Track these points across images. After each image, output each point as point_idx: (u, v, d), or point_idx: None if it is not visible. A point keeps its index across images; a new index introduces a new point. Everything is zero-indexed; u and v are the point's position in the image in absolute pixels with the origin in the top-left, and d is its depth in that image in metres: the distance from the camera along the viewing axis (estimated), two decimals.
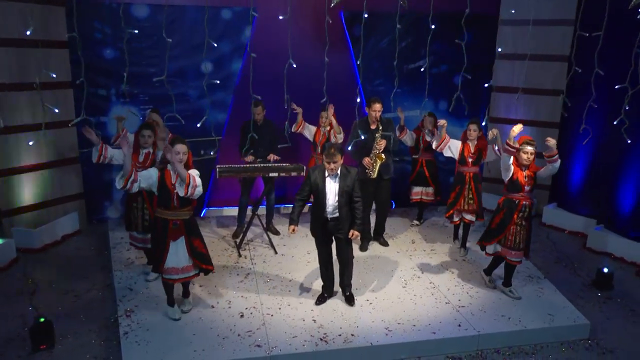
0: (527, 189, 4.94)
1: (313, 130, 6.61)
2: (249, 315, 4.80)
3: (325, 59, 5.14)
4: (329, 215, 4.76)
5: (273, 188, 6.63)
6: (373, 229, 6.47)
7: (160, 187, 4.41)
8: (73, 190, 6.77)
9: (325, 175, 4.70)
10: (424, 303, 5.09)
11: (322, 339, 4.47)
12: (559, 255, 6.48)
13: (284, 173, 6.00)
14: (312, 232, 4.95)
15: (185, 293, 4.83)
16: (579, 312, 4.99)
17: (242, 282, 5.43)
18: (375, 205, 6.33)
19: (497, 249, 5.22)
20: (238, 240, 6.27)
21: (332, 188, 4.71)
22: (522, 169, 4.93)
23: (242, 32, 6.87)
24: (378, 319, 4.79)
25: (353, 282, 5.10)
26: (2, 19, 5.73)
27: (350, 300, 4.98)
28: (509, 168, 4.92)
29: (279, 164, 6.18)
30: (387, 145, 5.92)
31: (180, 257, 4.52)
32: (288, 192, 7.45)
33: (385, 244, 6.42)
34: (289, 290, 5.27)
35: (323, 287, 5.11)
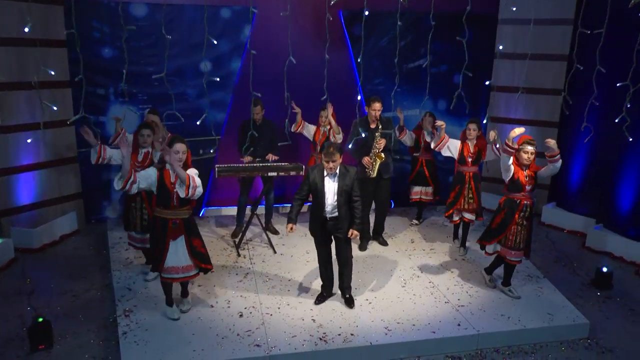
0: (528, 189, 4.92)
1: (312, 130, 6.60)
2: (248, 315, 4.79)
3: (326, 56, 5.12)
4: (328, 215, 4.75)
5: (272, 187, 6.62)
6: (372, 229, 6.46)
7: (160, 186, 4.40)
8: (71, 190, 6.76)
9: (324, 175, 4.69)
10: (424, 302, 5.09)
11: (321, 339, 4.47)
12: (558, 255, 6.48)
13: (283, 172, 5.99)
14: (311, 231, 4.94)
15: (184, 293, 4.82)
16: (579, 311, 4.99)
17: (241, 281, 5.42)
18: (375, 205, 6.32)
19: (496, 249, 5.22)
20: (237, 240, 6.27)
21: (331, 187, 4.70)
22: (522, 169, 4.92)
23: (241, 31, 6.85)
24: (377, 319, 4.78)
25: (352, 281, 5.09)
26: (0, 18, 5.71)
27: (350, 303, 4.95)
28: (509, 168, 4.90)
29: (278, 164, 6.17)
30: (386, 145, 5.92)
31: (180, 256, 4.51)
32: (287, 191, 7.44)
33: (385, 244, 6.42)
34: (288, 290, 5.26)
35: (322, 286, 5.10)
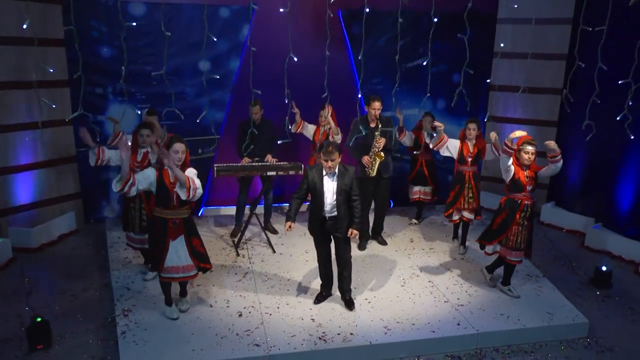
0: (529, 189, 4.91)
1: (312, 130, 6.59)
2: (248, 315, 4.78)
3: (327, 53, 5.11)
4: (327, 214, 4.73)
5: (271, 187, 6.61)
6: (371, 228, 6.45)
7: (159, 186, 4.39)
8: (70, 190, 6.74)
9: (323, 174, 4.67)
10: (423, 302, 5.08)
11: (320, 338, 4.46)
12: (557, 254, 6.48)
13: (282, 172, 5.99)
14: (310, 231, 4.92)
15: (183, 292, 4.81)
16: (578, 310, 4.99)
17: (240, 281, 5.41)
18: (374, 204, 6.31)
19: (496, 249, 5.21)
20: (236, 240, 6.26)
21: (330, 187, 4.68)
22: (523, 169, 4.91)
23: (239, 30, 6.84)
24: (377, 318, 4.78)
25: (352, 281, 5.06)
26: None
27: (350, 305, 4.91)
28: (509, 169, 4.89)
29: (277, 163, 6.16)
30: (386, 144, 5.91)
31: (181, 256, 4.50)
32: (286, 191, 7.43)
33: (384, 243, 6.41)
34: (288, 290, 5.25)
35: (322, 286, 5.09)
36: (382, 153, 5.88)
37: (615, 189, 6.64)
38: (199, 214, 7.25)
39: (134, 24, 6.01)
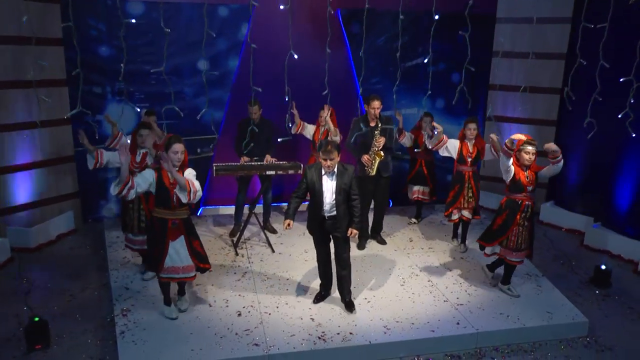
0: (529, 190, 4.90)
1: (312, 130, 6.57)
2: (247, 314, 4.77)
3: (327, 50, 5.10)
4: (327, 214, 4.71)
5: (270, 186, 6.60)
6: (370, 227, 6.44)
7: (159, 187, 4.37)
8: (68, 189, 6.72)
9: (322, 173, 4.65)
10: (423, 301, 5.07)
11: (320, 338, 4.45)
12: (557, 253, 6.48)
13: (281, 171, 5.98)
14: (309, 230, 4.90)
15: (181, 291, 4.80)
16: (578, 309, 4.99)
17: (239, 280, 5.40)
18: (374, 203, 6.31)
19: (495, 251, 5.19)
20: (235, 239, 6.24)
21: (329, 186, 4.66)
22: (523, 169, 4.90)
23: (238, 29, 6.83)
24: (376, 318, 4.77)
25: (351, 281, 5.04)
26: None
27: (350, 307, 4.87)
28: (509, 169, 4.88)
29: (276, 163, 6.14)
30: (386, 143, 5.90)
31: (182, 256, 4.49)
32: (285, 190, 7.42)
33: (383, 242, 6.40)
34: (287, 289, 5.24)
35: (321, 285, 5.08)
36: (381, 152, 5.87)
37: (615, 188, 6.64)
38: (198, 214, 7.24)
39: (133, 21, 5.98)
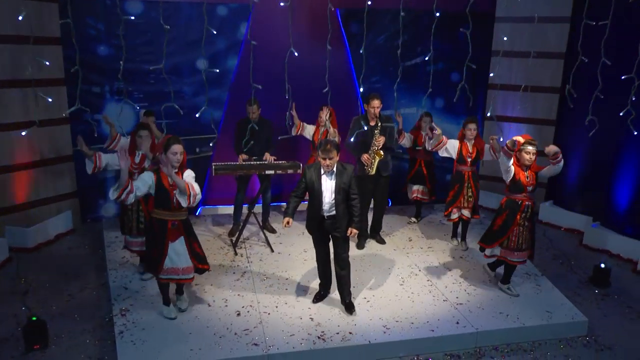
0: (529, 190, 4.90)
1: (312, 130, 6.56)
2: (246, 314, 4.75)
3: (328, 47, 5.08)
4: (326, 214, 4.69)
5: (269, 186, 6.59)
6: (370, 227, 6.43)
7: (158, 188, 4.36)
8: (67, 189, 6.70)
9: (321, 173, 4.64)
10: (422, 301, 5.07)
11: (319, 337, 4.44)
12: (556, 253, 6.48)
13: (280, 170, 5.97)
14: (308, 230, 4.88)
15: (179, 290, 4.78)
16: (577, 309, 4.99)
17: (238, 280, 5.39)
18: (373, 203, 6.30)
19: (494, 252, 5.17)
20: (234, 239, 6.23)
21: (328, 186, 4.64)
22: (523, 170, 4.90)
23: (237, 28, 6.81)
24: (376, 317, 4.76)
25: (351, 281, 5.02)
26: None
27: (350, 308, 4.83)
28: (509, 169, 4.87)
29: (276, 162, 6.13)
30: (386, 142, 5.89)
31: (182, 257, 4.48)
32: (284, 190, 7.40)
33: (382, 242, 6.39)
34: (286, 289, 5.23)
35: (320, 285, 5.06)
36: (381, 151, 5.86)
37: (614, 188, 6.64)
38: (197, 213, 7.22)
39: (132, 18, 5.96)
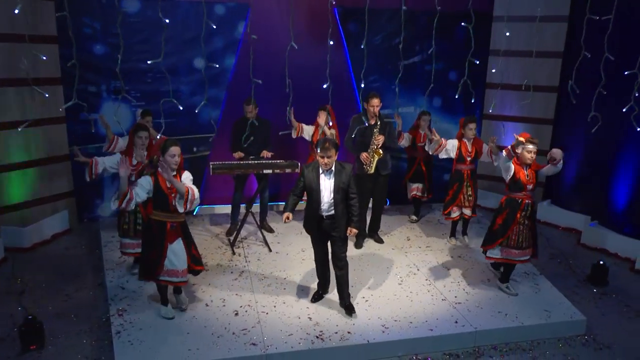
0: (529, 188, 4.90)
1: (311, 131, 6.53)
2: (244, 314, 4.73)
3: (330, 42, 5.06)
4: (325, 213, 4.66)
5: (267, 185, 6.56)
6: (368, 226, 6.42)
7: (156, 191, 4.34)
8: (63, 189, 6.66)
9: (320, 172, 4.61)
10: (420, 300, 5.06)
11: (318, 337, 4.42)
12: (554, 252, 6.48)
13: (278, 170, 5.94)
14: (306, 230, 4.85)
15: (177, 290, 4.75)
16: (575, 308, 4.98)
17: (236, 280, 5.37)
18: (372, 202, 6.29)
19: (494, 255, 5.14)
20: (232, 238, 6.20)
21: (327, 185, 4.62)
22: (524, 168, 4.90)
23: (235, 27, 6.79)
24: (374, 317, 4.75)
25: (349, 279, 4.99)
26: None
27: (350, 310, 4.78)
28: (509, 168, 4.88)
29: (273, 161, 6.11)
30: (385, 141, 5.88)
31: (180, 259, 4.46)
32: (282, 189, 7.38)
33: (380, 241, 6.38)
34: (284, 288, 5.21)
35: (318, 284, 5.04)
36: (380, 150, 5.85)
37: (611, 187, 6.65)
38: (194, 213, 7.19)
39: (128, 10, 5.92)
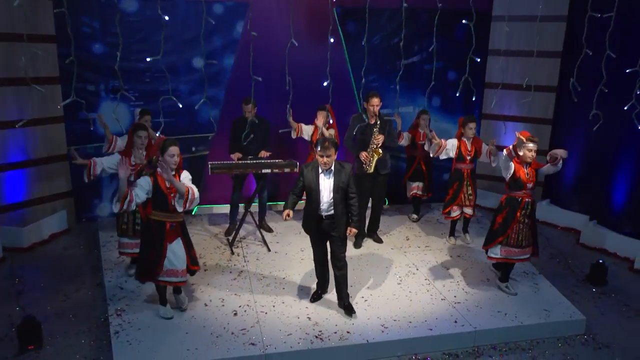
0: (529, 187, 4.90)
1: (310, 131, 6.52)
2: (243, 314, 4.72)
3: (330, 40, 5.05)
4: (324, 213, 4.65)
5: (265, 185, 6.55)
6: (367, 226, 6.40)
7: (155, 191, 4.33)
8: (61, 188, 6.64)
9: (319, 172, 4.60)
10: (420, 299, 5.05)
11: (317, 337, 4.41)
12: (553, 251, 6.48)
13: (277, 169, 5.93)
14: (305, 229, 4.84)
15: (177, 290, 4.73)
16: (575, 307, 4.98)
17: (235, 279, 5.35)
18: (371, 201, 6.28)
19: (495, 254, 5.14)
20: (230, 238, 6.19)
21: (326, 185, 4.60)
22: (524, 167, 4.90)
23: (234, 27, 6.78)
24: (374, 316, 4.74)
25: (348, 279, 4.97)
26: None
27: (350, 310, 4.75)
28: (509, 166, 4.88)
29: (272, 160, 6.10)
30: (385, 141, 5.87)
31: (180, 259, 4.46)
32: (281, 189, 7.37)
33: (380, 241, 6.37)
34: (283, 288, 5.20)
35: (317, 284, 5.04)
36: (380, 150, 5.84)
37: (610, 186, 6.65)
38: (193, 213, 7.17)
39: (127, 10, 5.90)
